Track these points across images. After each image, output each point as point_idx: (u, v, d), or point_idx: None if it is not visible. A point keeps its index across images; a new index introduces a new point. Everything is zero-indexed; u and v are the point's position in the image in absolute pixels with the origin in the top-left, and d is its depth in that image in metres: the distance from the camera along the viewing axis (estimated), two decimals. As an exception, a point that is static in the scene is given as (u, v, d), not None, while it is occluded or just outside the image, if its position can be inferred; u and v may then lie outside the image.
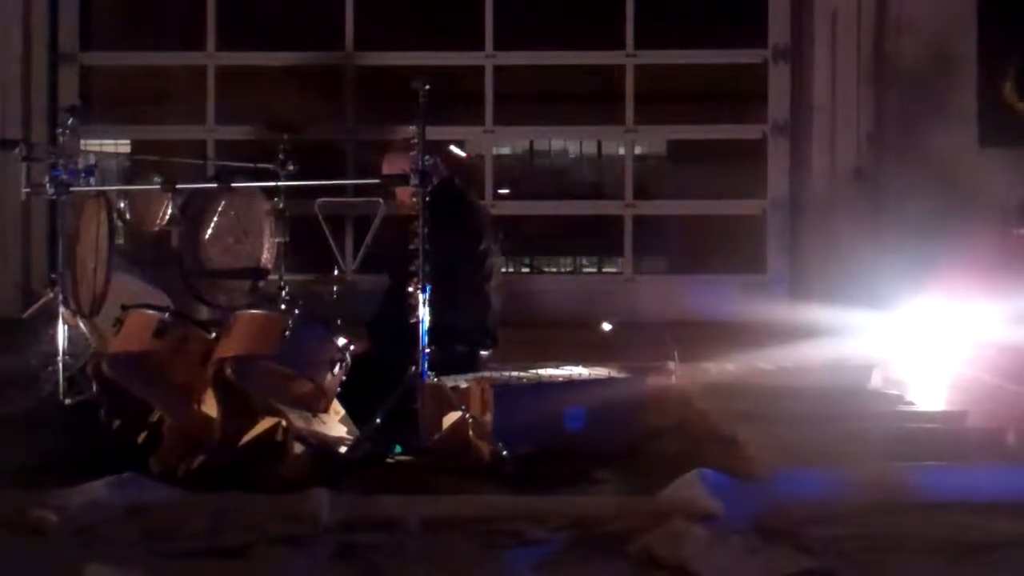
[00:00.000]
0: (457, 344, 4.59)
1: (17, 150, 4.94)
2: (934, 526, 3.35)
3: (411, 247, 4.26)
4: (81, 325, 4.82)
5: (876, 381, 5.61)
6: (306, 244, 4.69)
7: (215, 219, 4.53)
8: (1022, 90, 4.08)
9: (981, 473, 3.80)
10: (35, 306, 5.13)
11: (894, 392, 5.45)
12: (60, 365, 4.67)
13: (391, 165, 4.75)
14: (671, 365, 5.56)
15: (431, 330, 4.22)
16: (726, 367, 5.79)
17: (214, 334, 4.24)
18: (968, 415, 4.84)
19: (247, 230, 4.57)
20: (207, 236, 4.54)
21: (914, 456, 3.97)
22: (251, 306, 4.39)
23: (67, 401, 4.62)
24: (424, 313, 4.20)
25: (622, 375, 4.61)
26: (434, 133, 4.50)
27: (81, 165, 4.91)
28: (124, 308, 4.40)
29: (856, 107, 7.19)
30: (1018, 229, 6.12)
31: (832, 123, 7.27)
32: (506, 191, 7.96)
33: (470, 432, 4.19)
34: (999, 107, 7.01)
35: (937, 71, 7.14)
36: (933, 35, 7.17)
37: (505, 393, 4.25)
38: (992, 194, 6.56)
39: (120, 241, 4.95)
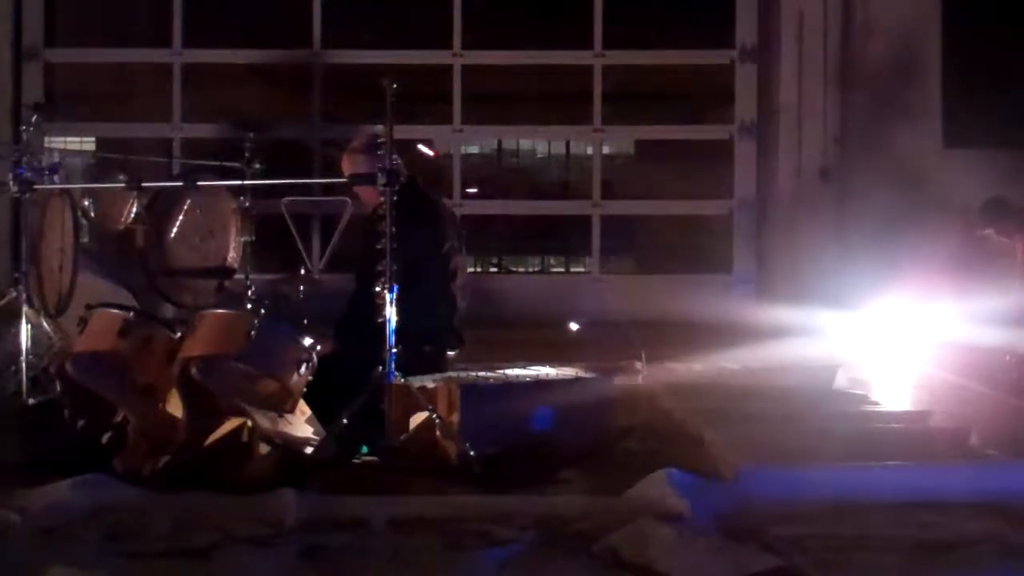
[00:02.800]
0: (423, 344, 4.58)
1: (-20, 147, 4.88)
2: (898, 525, 3.37)
3: (378, 247, 4.25)
4: (45, 324, 4.78)
5: (841, 381, 5.64)
6: (273, 243, 4.67)
7: (180, 218, 4.50)
8: None
9: (945, 472, 3.83)
10: (-3, 305, 5.07)
11: (859, 392, 5.48)
12: (23, 365, 4.62)
13: (350, 165, 4.74)
14: (638, 365, 5.57)
15: (397, 330, 4.21)
16: (693, 367, 5.81)
17: (179, 334, 4.21)
18: (932, 415, 4.88)
19: (213, 229, 4.54)
20: (172, 235, 4.51)
21: (878, 456, 4.00)
22: (217, 305, 4.36)
23: (31, 401, 4.58)
24: (391, 313, 4.19)
25: (589, 375, 4.61)
26: (402, 132, 4.49)
27: (45, 163, 4.86)
28: (88, 307, 4.36)
29: (822, 108, 7.24)
30: (981, 230, 6.17)
31: (798, 124, 7.31)
32: (474, 190, 7.96)
33: (437, 432, 4.18)
34: (963, 108, 7.07)
35: (902, 73, 7.20)
36: (898, 37, 7.23)
37: (472, 393, 4.25)
38: (956, 195, 6.62)
39: (85, 240, 4.90)
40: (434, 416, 4.18)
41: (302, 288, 4.51)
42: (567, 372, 4.61)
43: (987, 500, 3.56)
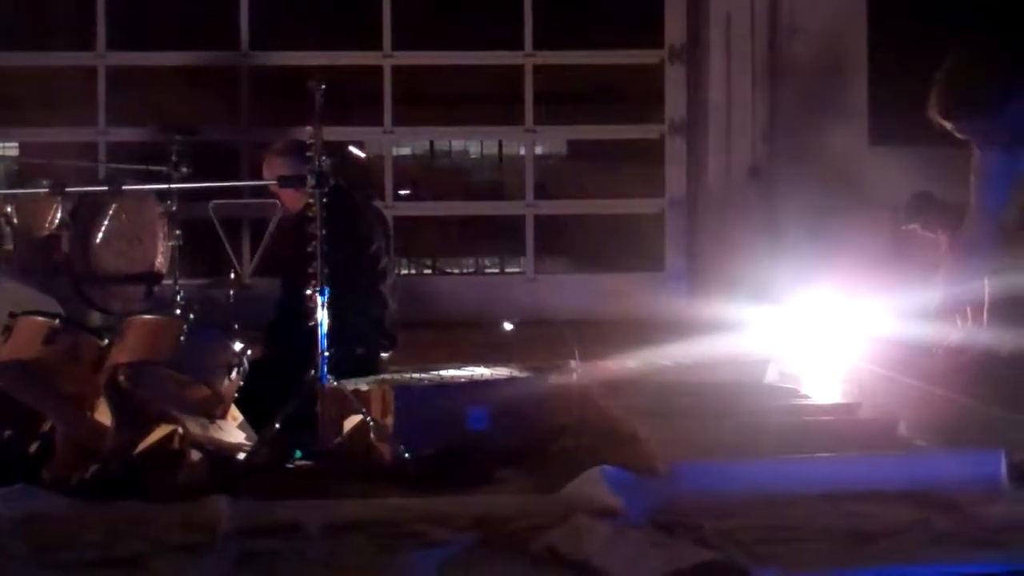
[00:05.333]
0: (355, 346, 4.56)
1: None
2: (829, 515, 3.42)
3: (308, 249, 4.22)
4: (-33, 333, 4.68)
5: (772, 375, 5.70)
6: (201, 247, 4.62)
7: (106, 223, 4.42)
8: (943, 104, 4.22)
9: (873, 463, 3.88)
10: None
11: (789, 386, 5.55)
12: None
13: (270, 169, 4.73)
14: (572, 363, 5.58)
15: (328, 333, 4.18)
16: (626, 364, 5.84)
17: (107, 340, 4.15)
18: (861, 407, 4.96)
19: (140, 234, 4.47)
20: (98, 240, 4.43)
21: (809, 448, 4.05)
22: (145, 311, 4.30)
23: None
24: (323, 316, 4.17)
25: (524, 374, 4.62)
26: (332, 134, 4.47)
27: (-34, 169, 4.77)
28: (12, 315, 4.29)
29: (751, 107, 7.32)
30: (907, 225, 6.28)
31: (727, 123, 7.38)
32: (406, 192, 7.94)
33: (371, 435, 4.16)
34: (889, 106, 7.19)
35: (828, 71, 7.30)
36: (824, 36, 7.33)
37: (406, 395, 4.24)
38: (882, 191, 6.73)
39: (8, 246, 4.81)
40: (368, 419, 4.16)
41: (232, 292, 4.47)
42: (501, 372, 4.61)
43: (915, 488, 3.63)
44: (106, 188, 4.45)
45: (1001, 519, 3.35)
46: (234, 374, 4.08)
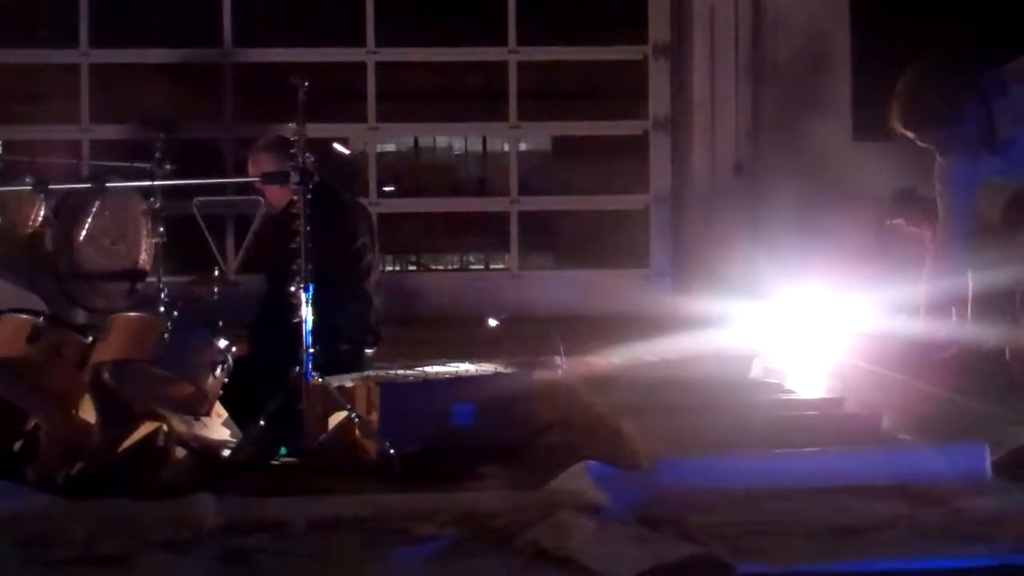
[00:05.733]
0: (340, 343, 4.56)
1: None
2: (814, 510, 3.43)
3: (292, 246, 4.22)
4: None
5: (756, 371, 5.72)
6: (185, 244, 4.61)
7: (90, 220, 4.42)
8: (905, 116, 4.26)
9: (858, 457, 3.89)
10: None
11: (774, 381, 5.56)
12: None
13: (255, 165, 4.72)
14: (557, 359, 5.59)
15: (313, 330, 4.18)
16: (611, 360, 5.85)
17: (91, 338, 4.14)
18: (845, 401, 4.97)
19: (123, 231, 4.46)
20: (82, 238, 4.42)
21: (794, 442, 4.06)
22: (129, 309, 4.30)
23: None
24: (307, 313, 4.17)
25: (509, 370, 4.63)
26: (316, 131, 4.47)
27: (-52, 167, 4.75)
28: (-4, 313, 4.28)
29: (734, 103, 7.34)
30: (891, 220, 6.30)
31: (711, 119, 7.39)
32: (391, 188, 7.93)
33: (356, 431, 4.17)
34: (872, 102, 7.21)
35: (811, 67, 7.32)
36: (807, 31, 7.35)
37: (391, 391, 4.24)
38: (865, 186, 6.74)
39: (-9, 244, 4.79)
40: (353, 415, 4.16)
41: (216, 289, 4.46)
42: (487, 368, 4.62)
43: (900, 482, 3.64)
44: (89, 185, 4.45)
45: (985, 513, 3.37)
46: (219, 371, 4.08)
